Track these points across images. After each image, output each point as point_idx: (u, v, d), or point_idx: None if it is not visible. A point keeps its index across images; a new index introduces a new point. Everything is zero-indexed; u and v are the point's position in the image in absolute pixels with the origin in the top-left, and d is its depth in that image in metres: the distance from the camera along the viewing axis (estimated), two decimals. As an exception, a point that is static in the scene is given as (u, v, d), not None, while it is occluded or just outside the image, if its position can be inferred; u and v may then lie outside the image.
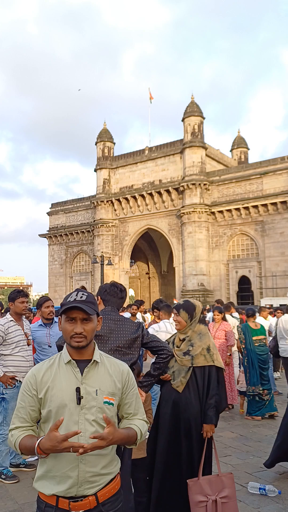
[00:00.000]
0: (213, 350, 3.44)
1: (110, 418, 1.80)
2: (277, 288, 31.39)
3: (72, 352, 1.91)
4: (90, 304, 1.89)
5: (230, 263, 34.73)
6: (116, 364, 2.00)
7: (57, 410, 1.82)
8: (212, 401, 3.34)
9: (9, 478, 4.62)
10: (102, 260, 29.68)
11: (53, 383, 1.86)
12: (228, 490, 3.12)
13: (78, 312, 1.87)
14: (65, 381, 1.85)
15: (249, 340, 7.35)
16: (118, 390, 1.94)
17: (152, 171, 37.81)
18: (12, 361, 4.80)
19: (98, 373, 1.91)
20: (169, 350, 3.27)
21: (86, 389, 1.84)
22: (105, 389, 1.89)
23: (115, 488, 1.91)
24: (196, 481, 3.08)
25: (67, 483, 1.79)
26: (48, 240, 46.64)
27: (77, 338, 1.86)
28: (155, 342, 3.23)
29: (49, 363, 1.93)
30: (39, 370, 1.91)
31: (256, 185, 33.22)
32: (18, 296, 4.89)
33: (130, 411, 2.00)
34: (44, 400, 1.86)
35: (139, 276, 49.36)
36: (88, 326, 1.88)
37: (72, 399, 1.82)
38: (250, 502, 4.06)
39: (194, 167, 35.00)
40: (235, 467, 4.90)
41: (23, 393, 1.90)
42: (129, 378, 2.00)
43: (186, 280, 34.76)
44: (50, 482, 1.83)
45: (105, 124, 41.69)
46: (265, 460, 4.78)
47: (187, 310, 3.51)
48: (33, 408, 1.88)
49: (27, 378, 1.92)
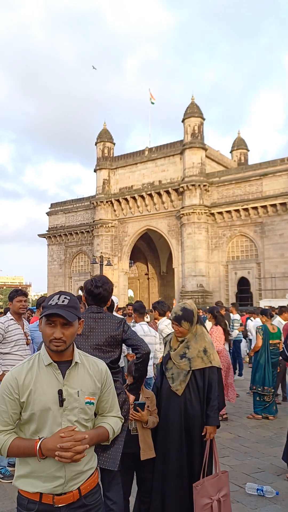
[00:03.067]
0: (209, 351, 3.40)
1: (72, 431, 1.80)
2: (276, 289, 31.38)
3: (52, 354, 1.90)
4: (72, 309, 1.87)
5: (229, 264, 34.73)
6: (94, 363, 2.02)
7: (40, 413, 1.82)
8: (216, 403, 3.32)
9: (7, 477, 4.62)
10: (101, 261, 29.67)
11: (35, 386, 1.85)
12: (226, 488, 3.16)
13: (58, 317, 1.85)
14: (46, 384, 1.85)
15: (267, 341, 7.48)
16: (98, 389, 1.97)
17: (152, 172, 37.80)
18: (10, 360, 4.80)
19: (78, 374, 1.92)
20: (143, 348, 3.17)
21: (68, 391, 1.86)
22: (86, 389, 1.91)
23: (95, 481, 1.98)
24: (203, 484, 3.07)
25: (54, 483, 1.82)
26: (48, 240, 46.61)
27: (56, 342, 1.85)
28: (131, 340, 3.16)
29: (29, 365, 1.91)
30: (20, 372, 1.88)
31: (255, 186, 33.22)
32: (16, 295, 4.91)
33: (105, 408, 2.05)
34: (26, 403, 1.84)
35: (138, 277, 49.34)
36: (68, 330, 1.87)
37: (55, 402, 1.83)
38: (248, 503, 4.06)
39: (194, 168, 35.01)
40: (233, 468, 4.90)
41: (4, 396, 1.86)
42: (107, 376, 2.04)
43: (185, 281, 34.75)
44: (35, 480, 1.84)
45: (105, 125, 41.68)
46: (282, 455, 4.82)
47: (187, 319, 3.42)
48: (15, 411, 1.87)
49: (7, 381, 1.88)
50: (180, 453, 3.27)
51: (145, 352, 3.18)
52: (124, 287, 40.38)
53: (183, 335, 3.44)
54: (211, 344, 3.48)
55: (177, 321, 3.40)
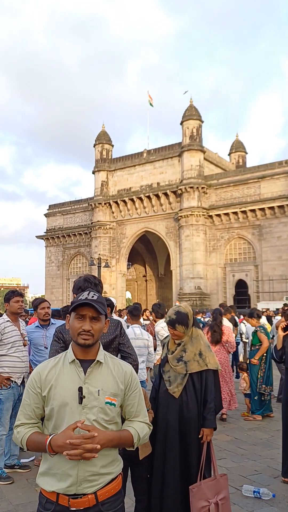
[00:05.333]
0: (205, 353, 3.38)
1: (89, 425, 1.79)
2: (273, 292, 31.44)
3: (77, 351, 1.92)
4: (101, 304, 1.91)
5: (227, 266, 34.77)
6: (119, 365, 2.01)
7: (59, 409, 1.83)
8: (212, 406, 3.31)
9: (3, 479, 4.61)
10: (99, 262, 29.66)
11: (57, 381, 1.88)
12: (225, 491, 3.15)
13: (88, 310, 1.89)
14: (68, 380, 1.87)
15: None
16: (121, 391, 1.94)
17: (150, 174, 37.85)
18: (7, 362, 4.79)
19: (101, 373, 1.92)
20: (134, 360, 3.22)
21: (89, 389, 1.86)
22: (107, 389, 1.89)
23: (116, 488, 1.91)
24: (199, 487, 3.06)
25: (67, 481, 1.81)
26: (45, 241, 46.58)
27: (85, 335, 1.87)
28: (124, 346, 3.21)
29: (54, 362, 1.95)
30: (44, 368, 1.93)
31: (253, 189, 33.29)
32: (13, 296, 4.90)
33: (131, 412, 2.00)
34: (47, 398, 1.87)
35: (136, 279, 49.33)
36: (96, 325, 1.90)
37: (74, 398, 1.83)
38: (245, 505, 4.06)
39: (192, 170, 35.07)
40: (229, 470, 4.90)
41: (28, 390, 1.92)
42: (132, 379, 2.01)
43: (183, 283, 34.76)
44: (51, 479, 1.85)
45: (103, 126, 41.71)
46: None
47: (182, 323, 3.41)
48: (38, 406, 1.90)
49: (32, 375, 1.94)
50: (178, 456, 3.27)
51: (135, 364, 3.24)
52: (122, 289, 40.37)
53: (179, 338, 3.44)
54: (207, 346, 3.46)
55: (172, 325, 3.39)
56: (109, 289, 38.68)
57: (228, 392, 7.24)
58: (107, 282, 38.67)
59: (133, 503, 3.62)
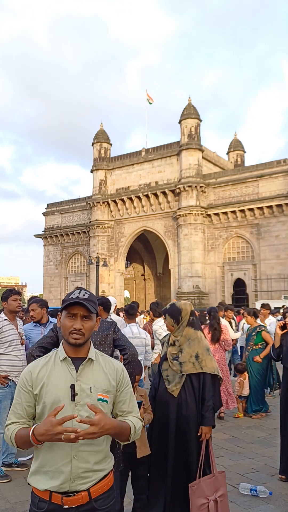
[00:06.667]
0: (202, 357, 3.36)
1: (96, 406, 1.79)
2: (272, 291, 31.47)
3: (68, 349, 1.93)
4: (92, 303, 1.92)
5: (226, 265, 34.80)
6: (110, 362, 2.02)
7: (51, 406, 1.83)
8: (210, 403, 3.33)
9: (1, 477, 4.62)
10: (97, 261, 29.64)
11: (48, 379, 1.88)
12: (223, 488, 3.17)
13: (79, 309, 1.89)
14: (60, 378, 1.88)
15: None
16: (113, 387, 1.95)
17: (149, 172, 37.83)
18: (5, 360, 4.80)
19: (92, 370, 1.93)
20: (130, 350, 3.25)
21: (81, 386, 1.87)
22: (99, 386, 1.90)
23: (108, 484, 1.93)
24: (198, 484, 3.07)
25: (60, 478, 1.81)
26: (44, 240, 46.53)
27: (76, 334, 1.88)
28: (119, 340, 3.28)
29: (45, 360, 1.96)
30: (35, 366, 1.94)
31: (252, 188, 33.31)
32: (11, 294, 4.91)
33: (124, 409, 2.01)
34: (39, 396, 1.88)
35: (135, 278, 49.34)
36: (87, 324, 1.91)
37: (67, 396, 1.84)
38: (241, 503, 4.07)
39: (190, 169, 35.06)
40: (227, 468, 4.92)
41: (19, 389, 1.92)
42: (124, 376, 2.02)
43: (182, 282, 34.77)
44: (43, 477, 1.85)
45: (101, 125, 41.67)
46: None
47: (171, 314, 3.43)
48: (29, 404, 1.90)
49: (23, 374, 1.94)
50: (177, 454, 3.28)
51: (131, 353, 3.27)
52: (120, 288, 40.36)
53: (170, 330, 3.51)
54: (206, 350, 3.43)
55: (164, 314, 3.55)
56: (107, 288, 38.69)
57: (225, 391, 7.25)
58: (106, 281, 38.67)
59: (130, 501, 3.64)
